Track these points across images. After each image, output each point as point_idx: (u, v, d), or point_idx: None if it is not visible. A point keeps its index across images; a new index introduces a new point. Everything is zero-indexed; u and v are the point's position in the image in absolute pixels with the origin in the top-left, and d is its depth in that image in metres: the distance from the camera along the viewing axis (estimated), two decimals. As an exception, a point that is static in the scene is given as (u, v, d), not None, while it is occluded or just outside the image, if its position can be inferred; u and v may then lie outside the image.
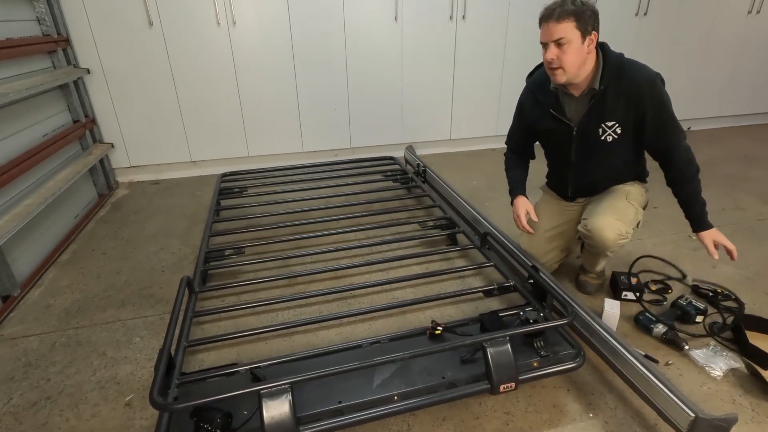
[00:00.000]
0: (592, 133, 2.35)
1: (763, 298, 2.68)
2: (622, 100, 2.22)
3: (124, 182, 4.69)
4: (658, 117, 2.23)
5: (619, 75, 2.21)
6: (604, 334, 2.04)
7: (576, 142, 2.44)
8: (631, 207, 2.44)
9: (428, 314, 2.61)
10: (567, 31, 2.09)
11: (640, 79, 2.19)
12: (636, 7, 5.18)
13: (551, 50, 2.14)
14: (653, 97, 2.19)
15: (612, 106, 2.25)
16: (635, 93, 2.19)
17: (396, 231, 3.50)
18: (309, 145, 4.99)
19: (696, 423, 1.61)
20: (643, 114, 2.24)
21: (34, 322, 2.66)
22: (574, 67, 2.17)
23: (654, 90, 2.19)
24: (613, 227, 2.35)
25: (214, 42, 4.33)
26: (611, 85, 2.22)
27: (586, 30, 2.12)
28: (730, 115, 6.25)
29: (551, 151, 2.70)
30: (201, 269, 2.84)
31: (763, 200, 3.95)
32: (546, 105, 2.45)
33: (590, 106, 2.30)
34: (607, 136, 2.32)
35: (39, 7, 3.68)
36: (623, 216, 2.38)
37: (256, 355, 2.33)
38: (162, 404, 1.64)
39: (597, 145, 2.37)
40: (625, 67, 2.22)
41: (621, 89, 2.22)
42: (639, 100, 2.20)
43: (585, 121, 2.34)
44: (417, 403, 1.82)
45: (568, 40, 2.10)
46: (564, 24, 2.08)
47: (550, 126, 2.48)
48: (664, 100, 2.21)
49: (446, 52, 4.93)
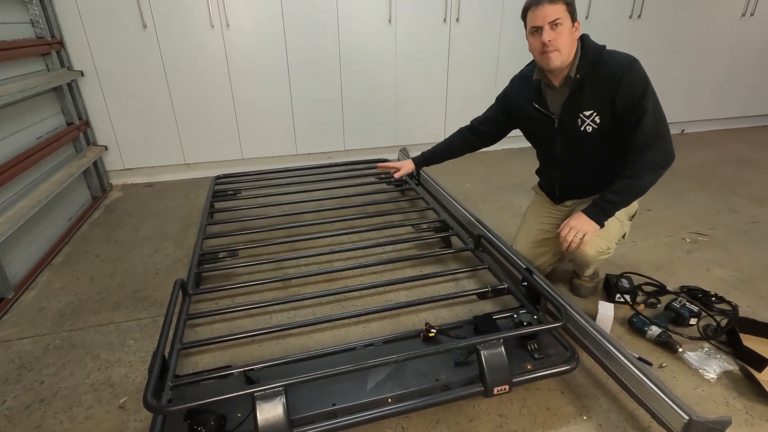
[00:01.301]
0: (572, 123, 2.33)
1: (756, 301, 2.69)
2: (599, 87, 2.20)
3: (117, 185, 4.68)
4: (631, 99, 2.15)
5: (596, 63, 2.20)
6: (597, 336, 2.04)
7: (559, 134, 2.42)
8: (615, 222, 2.40)
9: (422, 317, 2.61)
10: (561, 12, 2.11)
11: (615, 64, 2.16)
12: (630, 10, 5.20)
13: (547, 32, 2.13)
14: (628, 80, 2.13)
15: (589, 94, 2.23)
16: (611, 79, 2.16)
17: (390, 234, 3.49)
18: (303, 148, 4.99)
19: (690, 426, 1.61)
20: (616, 98, 2.17)
21: (28, 324, 2.65)
22: (568, 49, 2.17)
23: (629, 72, 2.13)
24: (594, 244, 2.33)
25: (208, 44, 4.33)
26: (588, 73, 2.21)
27: (574, 15, 2.15)
28: (723, 118, 6.29)
29: (538, 146, 2.70)
30: (195, 272, 2.83)
31: (757, 203, 3.97)
32: (530, 97, 2.45)
33: (568, 95, 2.29)
34: (586, 126, 2.29)
35: (33, 10, 3.67)
36: (605, 232, 2.35)
37: (249, 358, 2.33)
38: (156, 407, 1.63)
39: (579, 138, 2.34)
40: (603, 55, 2.21)
41: (598, 77, 2.20)
42: (615, 84, 2.15)
43: (564, 111, 2.33)
44: (411, 405, 1.82)
45: (562, 21, 2.11)
46: (558, 5, 2.10)
47: (534, 118, 2.48)
48: (641, 84, 2.14)
49: (440, 55, 4.94)
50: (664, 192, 4.17)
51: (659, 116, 2.16)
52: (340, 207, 3.81)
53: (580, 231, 2.23)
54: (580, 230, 2.23)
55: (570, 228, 2.25)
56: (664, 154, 2.19)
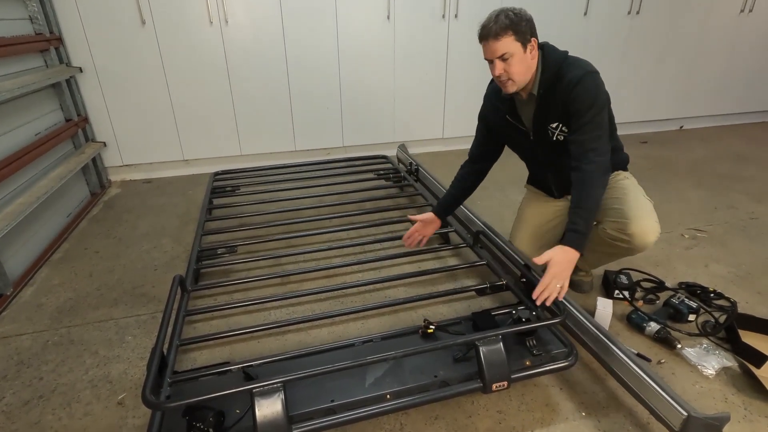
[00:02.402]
0: (544, 134, 2.33)
1: (755, 297, 2.69)
2: (560, 100, 2.19)
3: (116, 181, 4.68)
4: (578, 113, 2.14)
5: (556, 74, 2.18)
6: (596, 332, 2.05)
7: (536, 145, 2.42)
8: (650, 201, 2.39)
9: (421, 313, 2.61)
10: (508, 46, 2.09)
11: (571, 75, 2.13)
12: (629, 6, 5.20)
13: (497, 65, 2.13)
14: (577, 95, 2.12)
15: (552, 107, 2.23)
16: (566, 89, 2.15)
17: (388, 230, 3.50)
18: (301, 144, 4.99)
19: (688, 422, 1.61)
20: (570, 108, 2.16)
21: (27, 320, 2.65)
22: (523, 76, 2.17)
23: (579, 88, 2.11)
24: (654, 230, 2.29)
25: (206, 41, 4.32)
26: (550, 87, 2.20)
27: (526, 39, 2.11)
28: (722, 114, 6.30)
29: (522, 156, 2.69)
30: (193, 268, 2.83)
31: (755, 199, 3.97)
32: (503, 111, 2.44)
33: (535, 109, 2.29)
34: (557, 136, 2.28)
35: (31, 6, 3.66)
36: (654, 214, 2.33)
37: (248, 354, 2.33)
38: (154, 403, 1.63)
39: (555, 146, 2.33)
40: (563, 67, 2.18)
41: (558, 89, 2.18)
42: (568, 94, 2.14)
43: (535, 124, 2.34)
44: (409, 401, 1.82)
45: (510, 53, 2.10)
46: (503, 40, 2.08)
47: (511, 131, 2.48)
48: (589, 96, 2.12)
49: (439, 51, 4.94)
50: (663, 188, 4.18)
51: (598, 127, 2.15)
52: (339, 203, 3.81)
53: (561, 279, 2.06)
54: (561, 278, 2.07)
55: (552, 277, 2.06)
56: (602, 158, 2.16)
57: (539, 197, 2.76)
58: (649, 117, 5.99)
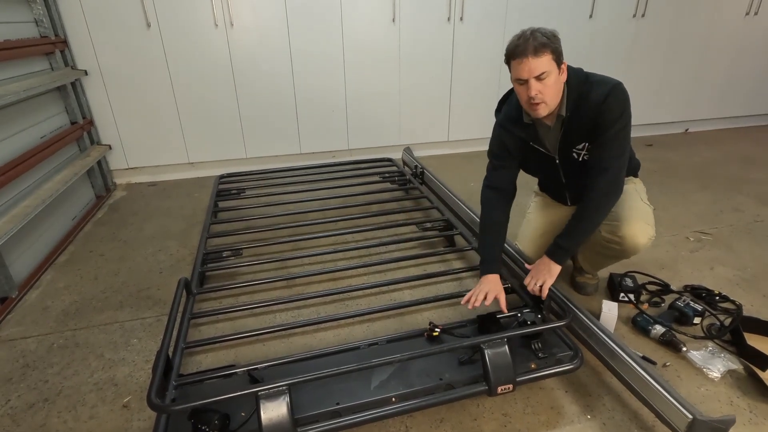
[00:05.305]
0: (570, 156, 2.30)
1: (760, 300, 2.68)
2: (587, 118, 2.14)
3: (121, 184, 4.69)
4: (605, 123, 2.10)
5: (580, 96, 2.14)
6: (601, 335, 2.04)
7: (562, 167, 2.40)
8: (649, 207, 2.42)
9: (426, 316, 2.61)
10: (547, 64, 2.00)
11: (599, 93, 2.09)
12: (634, 9, 5.19)
13: (534, 86, 2.03)
14: (608, 106, 2.07)
15: (577, 129, 2.19)
16: (594, 109, 2.10)
17: (394, 233, 3.50)
18: (307, 147, 4.99)
19: (694, 425, 1.61)
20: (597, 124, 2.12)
21: (32, 323, 2.66)
22: (556, 99, 2.11)
23: (610, 98, 2.07)
24: (645, 232, 2.31)
25: (211, 43, 4.33)
26: (575, 109, 2.16)
27: (560, 60, 2.05)
28: (728, 117, 6.27)
29: (541, 176, 2.70)
30: (199, 271, 2.84)
31: (761, 202, 3.96)
32: (527, 139, 2.36)
33: (561, 134, 2.24)
34: (582, 157, 2.26)
35: (37, 9, 3.68)
36: (649, 218, 2.36)
37: (253, 357, 2.33)
38: (160, 406, 1.63)
39: (580, 166, 2.30)
40: (585, 86, 2.14)
41: (583, 110, 2.14)
42: (600, 110, 2.09)
43: (561, 147, 2.29)
44: (415, 404, 1.82)
45: (548, 73, 2.01)
46: (543, 57, 1.99)
47: (535, 158, 2.42)
48: (619, 108, 2.09)
49: (444, 54, 4.93)
50: (668, 191, 4.17)
51: (620, 146, 2.14)
52: (344, 206, 3.81)
53: (540, 280, 2.24)
54: (540, 279, 2.24)
55: (531, 277, 2.28)
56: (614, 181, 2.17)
57: (550, 204, 2.75)
58: (655, 120, 5.97)
